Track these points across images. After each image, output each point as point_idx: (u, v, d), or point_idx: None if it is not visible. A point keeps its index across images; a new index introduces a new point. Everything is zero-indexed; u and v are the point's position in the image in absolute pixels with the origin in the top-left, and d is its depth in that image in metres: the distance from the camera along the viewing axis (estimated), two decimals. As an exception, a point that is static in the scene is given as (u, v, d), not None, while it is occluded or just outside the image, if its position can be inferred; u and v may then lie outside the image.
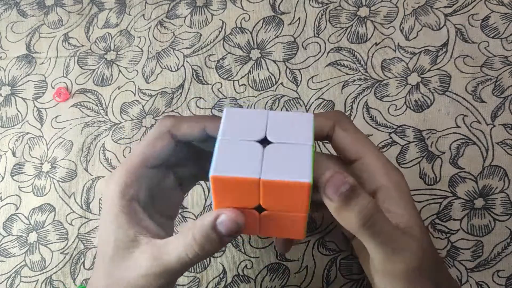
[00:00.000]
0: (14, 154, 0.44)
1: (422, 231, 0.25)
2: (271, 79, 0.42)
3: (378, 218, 0.23)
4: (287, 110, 0.41)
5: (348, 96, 0.41)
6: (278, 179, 0.22)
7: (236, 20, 0.44)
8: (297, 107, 0.41)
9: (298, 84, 0.42)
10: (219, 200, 0.24)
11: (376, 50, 0.41)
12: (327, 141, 0.29)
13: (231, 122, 0.25)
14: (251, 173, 0.22)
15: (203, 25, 0.45)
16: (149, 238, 0.26)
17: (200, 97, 0.43)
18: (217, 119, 0.27)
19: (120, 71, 0.45)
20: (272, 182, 0.22)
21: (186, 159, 0.31)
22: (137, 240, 0.26)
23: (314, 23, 0.43)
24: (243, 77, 0.43)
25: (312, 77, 0.42)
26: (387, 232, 0.24)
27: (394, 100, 0.40)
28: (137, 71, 0.45)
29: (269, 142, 0.24)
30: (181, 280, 0.39)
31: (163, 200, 0.30)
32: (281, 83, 0.42)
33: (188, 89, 0.43)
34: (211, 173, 0.22)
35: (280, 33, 0.43)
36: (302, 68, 0.42)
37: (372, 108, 0.40)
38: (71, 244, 0.41)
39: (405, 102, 0.40)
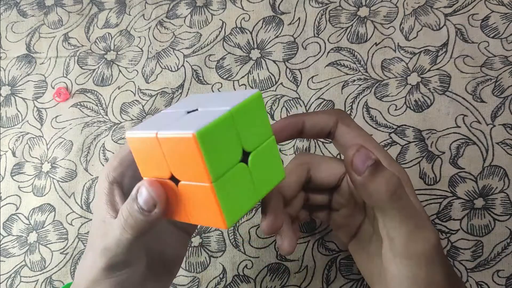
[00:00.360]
0: (14, 154, 0.44)
1: (428, 218, 0.26)
2: (271, 79, 0.42)
3: (403, 192, 0.24)
4: (287, 110, 0.41)
5: (348, 96, 0.41)
6: (169, 135, 0.21)
7: (236, 20, 0.44)
8: (297, 107, 0.41)
9: (298, 84, 0.42)
10: (141, 169, 0.24)
11: (376, 50, 0.41)
12: (329, 140, 0.29)
13: (185, 101, 0.25)
14: (151, 132, 0.21)
15: (203, 25, 0.45)
16: (110, 220, 0.27)
17: (200, 97, 0.43)
18: None
19: (120, 71, 0.45)
20: (165, 139, 0.21)
21: None
22: (104, 221, 0.27)
23: (314, 23, 0.43)
24: (243, 77, 0.43)
25: (312, 77, 0.42)
26: (411, 208, 0.24)
27: (394, 100, 0.40)
28: (137, 71, 0.45)
29: (194, 111, 0.23)
30: (181, 280, 0.39)
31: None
32: (281, 83, 0.42)
33: (188, 89, 0.43)
34: (126, 135, 0.23)
35: (280, 33, 0.43)
36: (302, 68, 0.42)
37: (372, 108, 0.40)
38: (71, 244, 0.41)
39: (405, 102, 0.40)
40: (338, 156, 0.38)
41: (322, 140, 0.40)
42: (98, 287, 0.26)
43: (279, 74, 0.42)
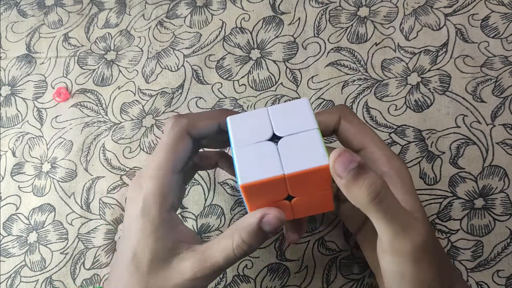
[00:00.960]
0: (14, 154, 0.44)
1: (424, 215, 0.26)
2: (271, 79, 0.42)
3: (387, 194, 0.24)
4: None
5: (348, 96, 0.41)
6: (300, 170, 0.24)
7: (236, 20, 0.44)
8: (297, 107, 0.41)
9: (298, 84, 0.42)
10: (252, 203, 0.26)
11: (376, 50, 0.41)
12: (335, 136, 0.30)
13: (237, 129, 0.26)
14: (275, 172, 0.24)
15: (203, 25, 0.45)
16: (188, 245, 0.27)
17: (200, 97, 0.43)
18: (230, 113, 0.28)
19: (120, 71, 0.45)
20: (295, 174, 0.24)
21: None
22: (177, 249, 0.27)
23: (314, 23, 0.43)
24: (243, 77, 0.43)
25: (312, 77, 0.42)
26: (396, 209, 0.24)
27: (394, 100, 0.40)
28: (137, 71, 0.45)
29: (278, 137, 0.25)
30: (181, 280, 0.39)
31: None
32: (281, 83, 0.42)
33: (188, 89, 0.43)
34: (240, 183, 0.24)
35: (280, 33, 0.43)
36: (302, 68, 0.42)
37: (372, 108, 0.40)
38: (71, 244, 0.41)
39: (405, 102, 0.40)
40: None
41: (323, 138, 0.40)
42: None
43: (279, 74, 0.42)
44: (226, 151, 0.38)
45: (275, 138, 0.25)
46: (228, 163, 0.34)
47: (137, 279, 0.26)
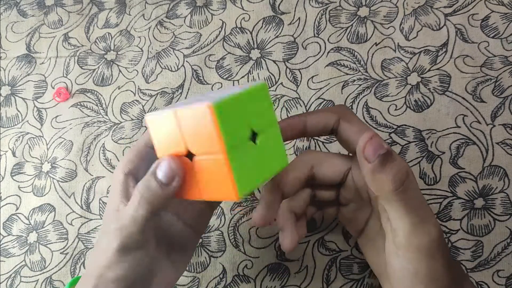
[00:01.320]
0: (14, 154, 0.44)
1: (431, 211, 0.26)
2: (271, 79, 0.42)
3: (411, 183, 0.24)
4: (287, 110, 0.41)
5: (348, 96, 0.41)
6: (187, 109, 0.23)
7: (236, 20, 0.44)
8: (297, 107, 0.41)
9: (298, 84, 0.42)
10: (157, 147, 0.26)
11: (376, 50, 0.41)
12: (329, 140, 0.30)
13: (195, 95, 0.27)
14: (170, 110, 0.24)
15: (203, 25, 0.45)
16: (124, 207, 0.27)
17: (200, 97, 0.43)
18: None
19: (120, 71, 0.45)
20: (183, 113, 0.23)
21: None
22: (118, 210, 0.27)
23: (314, 23, 0.43)
24: (243, 77, 0.43)
25: (312, 77, 0.42)
26: (417, 200, 0.24)
27: (394, 100, 0.40)
28: (137, 71, 0.45)
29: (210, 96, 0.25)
30: (181, 280, 0.39)
31: (190, 208, 0.31)
32: (281, 83, 0.42)
33: (188, 89, 0.43)
34: (146, 117, 0.25)
35: (280, 33, 0.43)
36: (302, 68, 0.42)
37: (372, 108, 0.40)
38: (71, 244, 0.41)
39: (405, 102, 0.40)
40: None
41: (322, 140, 0.40)
42: (111, 272, 0.26)
43: (279, 74, 0.42)
44: None
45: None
46: None
47: (109, 220, 0.28)
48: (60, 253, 0.41)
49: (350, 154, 0.30)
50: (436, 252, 0.24)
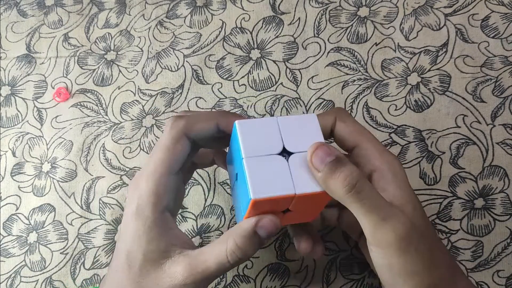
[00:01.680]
0: (14, 154, 0.44)
1: (415, 207, 0.26)
2: (271, 79, 0.42)
3: (364, 185, 0.25)
4: (287, 110, 0.41)
5: (348, 96, 0.41)
6: (311, 191, 0.25)
7: (236, 20, 0.44)
8: (297, 107, 0.41)
9: (298, 84, 0.42)
10: (251, 214, 0.26)
11: (376, 50, 0.41)
12: (332, 139, 0.30)
13: (247, 136, 0.26)
14: (287, 191, 0.25)
15: (203, 25, 0.45)
16: (181, 249, 0.27)
17: (200, 97, 0.43)
18: (228, 115, 0.29)
19: (120, 71, 0.45)
20: (305, 195, 0.25)
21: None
22: (169, 251, 0.26)
23: (314, 23, 0.43)
24: (243, 77, 0.43)
25: (312, 77, 0.42)
26: (374, 201, 0.25)
27: (394, 100, 0.40)
28: (137, 71, 0.45)
29: (288, 153, 0.26)
30: (181, 280, 0.39)
31: (177, 200, 0.31)
32: (281, 83, 0.42)
33: (188, 89, 0.43)
34: (252, 198, 0.24)
35: (280, 33, 0.43)
36: (302, 68, 0.42)
37: (372, 108, 0.40)
38: (71, 244, 0.41)
39: (405, 102, 0.40)
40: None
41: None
42: None
43: (279, 74, 0.42)
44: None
45: (284, 153, 0.26)
46: (223, 159, 0.35)
47: (129, 280, 0.26)
48: (60, 253, 0.41)
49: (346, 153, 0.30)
50: (406, 247, 0.25)
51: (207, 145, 0.31)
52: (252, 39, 0.44)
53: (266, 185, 0.25)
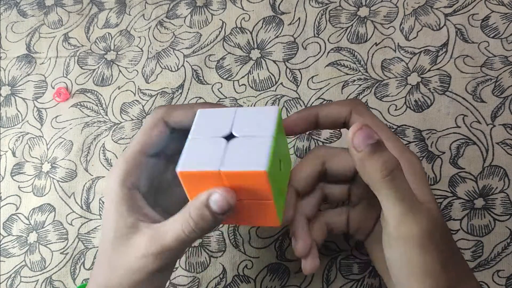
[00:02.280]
0: (14, 154, 0.44)
1: (436, 207, 0.26)
2: (271, 79, 0.42)
3: (399, 174, 0.24)
4: (287, 110, 0.41)
5: (348, 96, 0.41)
6: (234, 169, 0.24)
7: (236, 20, 0.44)
8: (297, 107, 0.41)
9: (298, 84, 0.42)
10: (191, 194, 0.26)
11: (376, 50, 0.41)
12: (335, 137, 0.30)
13: (201, 122, 0.27)
14: (212, 166, 0.24)
15: (203, 25, 0.45)
16: (148, 224, 0.27)
17: (200, 97, 0.43)
18: (208, 105, 0.29)
19: (120, 71, 0.45)
20: (231, 173, 0.24)
21: None
22: (137, 227, 0.27)
23: (314, 23, 0.43)
24: (243, 77, 0.43)
25: (312, 77, 0.42)
26: (406, 190, 0.24)
27: (394, 100, 0.40)
28: (137, 71, 0.45)
29: (234, 137, 0.26)
30: (181, 280, 0.39)
31: (166, 194, 0.31)
32: (281, 83, 0.42)
33: (188, 89, 0.43)
34: (177, 169, 0.24)
35: (280, 33, 0.43)
36: (302, 68, 0.42)
37: (372, 108, 0.40)
38: (71, 244, 0.41)
39: (405, 102, 0.40)
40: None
41: (323, 139, 0.40)
42: None
43: (279, 74, 0.42)
44: None
45: (231, 137, 0.26)
46: None
47: (104, 257, 0.27)
48: (60, 253, 0.41)
49: None
50: (428, 244, 0.24)
51: None
52: (252, 39, 0.44)
53: (195, 160, 0.25)
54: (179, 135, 0.29)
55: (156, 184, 0.30)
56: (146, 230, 0.26)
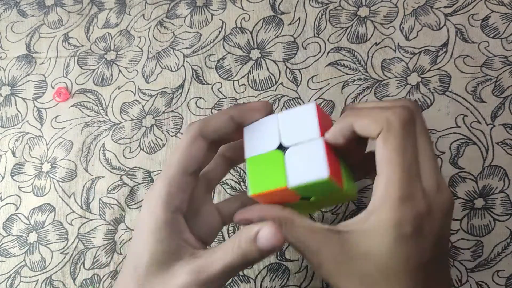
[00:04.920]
0: (14, 154, 0.44)
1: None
2: (271, 79, 0.42)
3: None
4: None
5: (348, 96, 0.41)
6: (301, 183, 0.25)
7: (236, 20, 0.44)
8: (297, 107, 0.41)
9: (298, 84, 0.42)
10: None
11: (376, 50, 0.41)
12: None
13: (250, 138, 0.28)
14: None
15: (203, 25, 0.45)
16: (191, 251, 0.26)
17: (200, 97, 0.43)
18: (239, 107, 0.29)
19: (120, 71, 0.45)
20: (298, 186, 0.25)
21: (220, 168, 0.32)
22: (179, 253, 0.26)
23: (314, 23, 0.43)
24: (243, 77, 0.43)
25: (312, 77, 0.42)
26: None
27: (394, 100, 0.40)
28: (137, 71, 0.45)
29: (286, 147, 0.27)
30: (181, 280, 0.39)
31: (200, 221, 0.30)
32: (281, 83, 0.42)
33: (188, 89, 0.43)
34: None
35: (280, 33, 0.43)
36: (302, 68, 0.42)
37: (372, 108, 0.40)
38: (71, 244, 0.41)
39: (405, 102, 0.40)
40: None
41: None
42: None
43: (279, 74, 0.42)
44: None
45: (282, 148, 0.27)
46: None
47: (133, 281, 0.26)
48: (60, 253, 0.41)
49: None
50: (422, 225, 0.23)
51: (229, 140, 0.31)
52: (252, 39, 0.44)
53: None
54: (215, 150, 0.30)
55: (194, 204, 0.29)
56: (190, 258, 0.25)
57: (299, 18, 0.43)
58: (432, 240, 0.24)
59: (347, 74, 0.41)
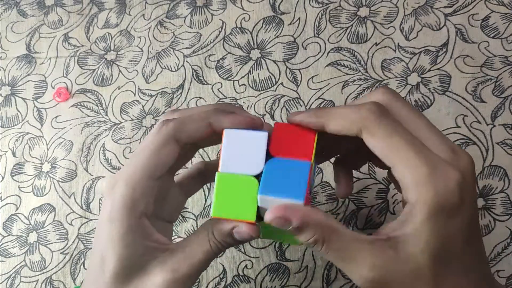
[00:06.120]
0: (14, 154, 0.44)
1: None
2: (271, 79, 0.42)
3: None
4: (287, 110, 0.41)
5: (348, 96, 0.41)
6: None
7: (236, 20, 0.44)
8: (297, 107, 0.41)
9: (298, 84, 0.42)
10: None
11: (376, 50, 0.41)
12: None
13: (230, 149, 0.25)
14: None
15: (203, 25, 0.45)
16: (163, 247, 0.26)
17: (200, 97, 0.43)
18: (221, 113, 0.26)
19: (120, 71, 0.45)
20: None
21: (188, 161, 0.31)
22: (150, 253, 0.25)
23: (314, 23, 0.43)
24: (243, 77, 0.43)
25: (312, 77, 0.42)
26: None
27: (394, 100, 0.40)
28: (137, 71, 0.45)
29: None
30: (181, 280, 0.39)
31: (166, 206, 0.29)
32: (281, 83, 0.42)
33: (188, 89, 0.43)
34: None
35: (280, 33, 0.43)
36: (302, 68, 0.42)
37: (372, 108, 0.40)
38: (71, 244, 0.41)
39: (405, 102, 0.40)
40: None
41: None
42: None
43: (279, 74, 0.42)
44: None
45: (260, 176, 0.24)
46: None
47: (104, 284, 0.25)
48: (60, 253, 0.41)
49: None
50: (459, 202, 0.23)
51: (204, 145, 0.30)
52: (252, 39, 0.44)
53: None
54: (187, 149, 0.28)
55: (159, 201, 0.28)
56: (163, 256, 0.25)
57: (299, 18, 0.43)
58: (474, 206, 0.24)
59: (347, 74, 0.41)
